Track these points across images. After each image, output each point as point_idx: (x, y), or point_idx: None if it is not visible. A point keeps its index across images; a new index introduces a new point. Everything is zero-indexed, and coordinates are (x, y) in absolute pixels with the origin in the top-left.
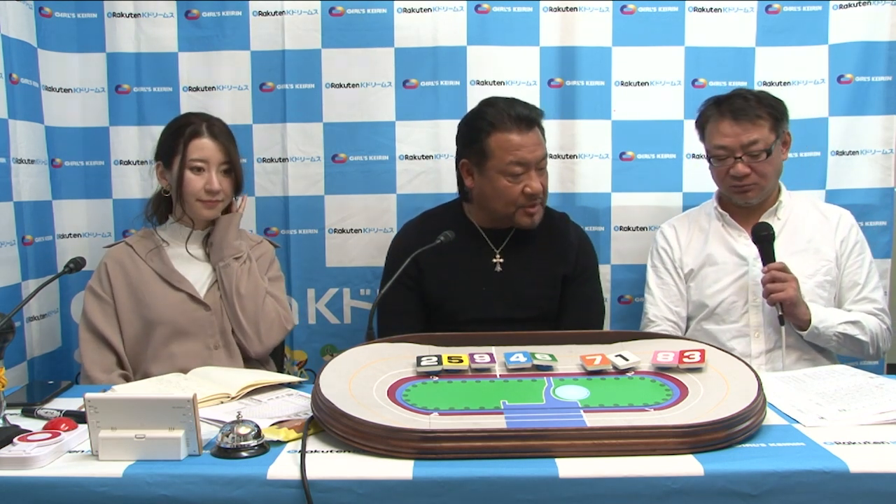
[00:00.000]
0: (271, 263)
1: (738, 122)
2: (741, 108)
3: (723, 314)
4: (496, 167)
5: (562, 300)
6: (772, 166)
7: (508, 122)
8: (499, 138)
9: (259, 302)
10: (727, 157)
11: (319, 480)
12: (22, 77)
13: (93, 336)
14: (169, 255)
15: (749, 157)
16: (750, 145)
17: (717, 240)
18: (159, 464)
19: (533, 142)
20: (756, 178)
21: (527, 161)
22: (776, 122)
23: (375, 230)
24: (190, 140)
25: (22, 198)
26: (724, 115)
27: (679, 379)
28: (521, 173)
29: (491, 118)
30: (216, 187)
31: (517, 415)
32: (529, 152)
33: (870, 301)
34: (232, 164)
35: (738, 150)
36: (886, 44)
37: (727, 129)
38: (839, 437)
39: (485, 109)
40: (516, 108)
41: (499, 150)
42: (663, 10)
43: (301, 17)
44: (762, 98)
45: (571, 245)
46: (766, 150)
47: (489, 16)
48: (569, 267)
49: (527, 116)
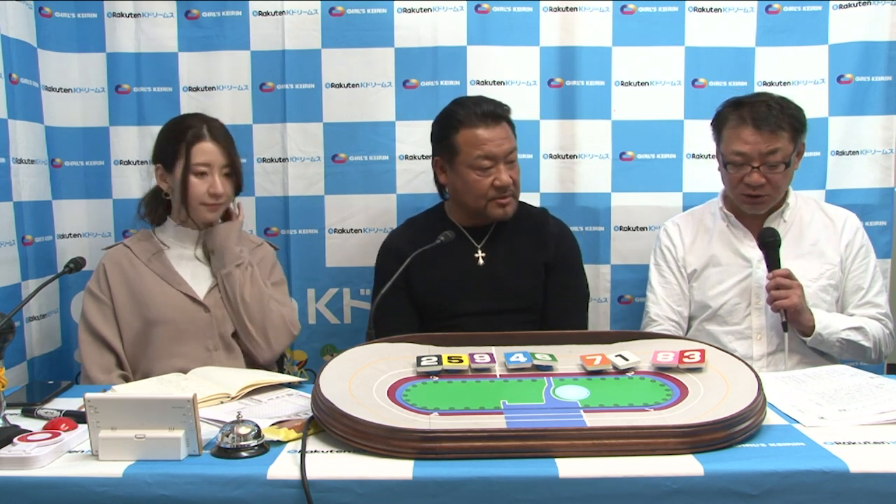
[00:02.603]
0: (273, 267)
1: (760, 131)
2: (764, 117)
3: (725, 316)
4: (465, 162)
5: (545, 289)
6: (786, 178)
7: (475, 118)
8: (466, 134)
9: (265, 307)
10: (744, 164)
11: (319, 480)
12: (22, 77)
13: (92, 338)
14: (169, 257)
15: (766, 168)
16: (769, 155)
17: (722, 241)
18: (159, 464)
19: (500, 136)
20: (770, 190)
21: (494, 154)
22: (796, 133)
23: (375, 230)
24: (193, 144)
25: (22, 198)
26: (745, 120)
27: (679, 379)
28: (489, 167)
29: (458, 116)
30: (220, 191)
31: (517, 415)
32: (496, 146)
33: (873, 305)
34: (233, 166)
35: (756, 158)
36: (886, 44)
37: (748, 137)
38: (839, 437)
39: (453, 108)
40: (482, 105)
41: (466, 146)
42: (663, 10)
43: (301, 17)
44: (785, 107)
45: (551, 234)
46: (785, 163)
47: (489, 16)
48: (549, 254)
49: (492, 112)
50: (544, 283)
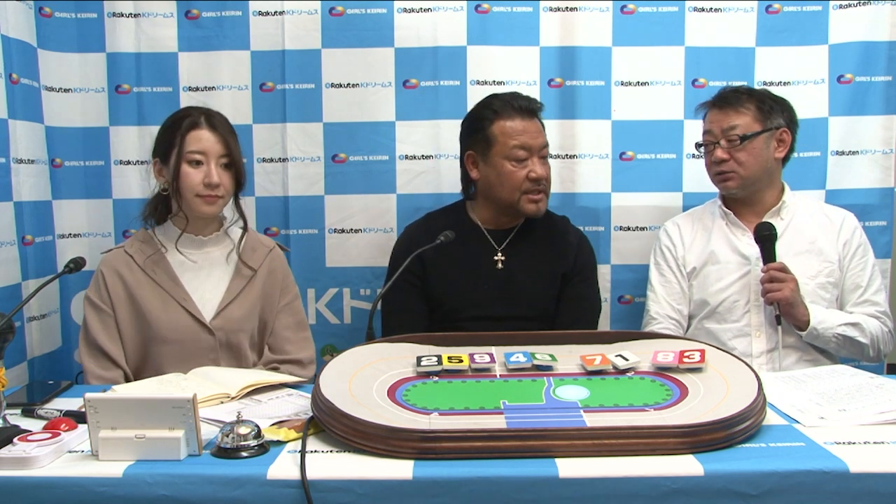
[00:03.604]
0: (285, 279)
1: (721, 109)
2: (725, 97)
3: (724, 313)
4: (501, 153)
5: (558, 298)
6: (751, 155)
7: (511, 110)
8: (502, 125)
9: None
10: (709, 143)
11: (319, 480)
12: (22, 77)
13: (95, 351)
14: (170, 262)
15: (728, 143)
16: (729, 131)
17: (721, 238)
18: (159, 464)
19: (535, 129)
20: (734, 166)
21: (530, 146)
22: (763, 113)
23: (375, 230)
24: (188, 132)
25: (22, 198)
26: (713, 104)
27: (679, 379)
28: (525, 158)
29: (494, 107)
30: (215, 180)
31: (517, 415)
32: (532, 138)
33: (872, 304)
34: (232, 157)
35: (719, 136)
36: (886, 44)
37: (712, 116)
38: (839, 437)
39: (488, 101)
40: (518, 99)
41: (502, 136)
42: (663, 10)
43: (301, 17)
44: (754, 92)
45: (571, 245)
46: (742, 136)
47: (489, 16)
48: (567, 265)
49: (528, 107)
50: (559, 293)
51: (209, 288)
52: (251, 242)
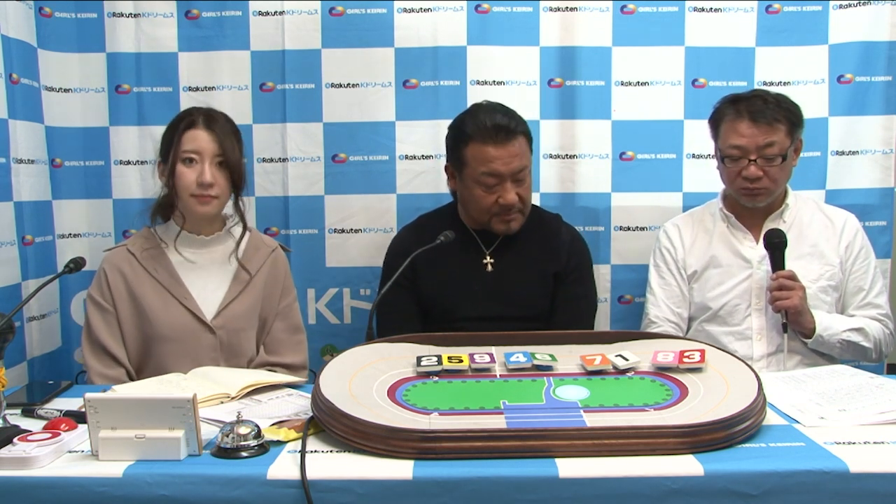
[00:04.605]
0: (285, 280)
1: (756, 124)
2: (760, 110)
3: (725, 316)
4: (471, 176)
5: (553, 298)
6: (783, 171)
7: (485, 133)
8: (474, 149)
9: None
10: (741, 157)
11: (319, 480)
12: (22, 77)
13: (98, 349)
14: (172, 260)
15: (763, 161)
16: (765, 148)
17: (722, 242)
18: (159, 464)
19: (509, 154)
20: (767, 183)
21: (500, 173)
22: (793, 126)
23: (375, 230)
24: (184, 132)
25: (22, 198)
26: (741, 114)
27: (679, 379)
28: (494, 184)
29: (468, 129)
30: (208, 179)
31: (517, 415)
32: (503, 164)
33: (874, 306)
34: (226, 156)
35: (753, 151)
36: (886, 44)
37: (744, 130)
38: (839, 437)
39: (465, 118)
40: (496, 117)
41: (473, 161)
42: (663, 10)
43: (301, 17)
44: (781, 102)
45: (563, 243)
46: (782, 155)
47: (489, 16)
48: (560, 265)
49: (505, 126)
50: (552, 293)
51: (211, 287)
52: (254, 243)
